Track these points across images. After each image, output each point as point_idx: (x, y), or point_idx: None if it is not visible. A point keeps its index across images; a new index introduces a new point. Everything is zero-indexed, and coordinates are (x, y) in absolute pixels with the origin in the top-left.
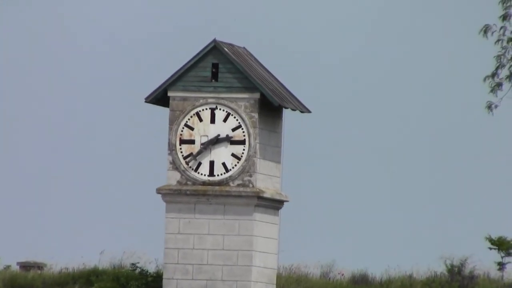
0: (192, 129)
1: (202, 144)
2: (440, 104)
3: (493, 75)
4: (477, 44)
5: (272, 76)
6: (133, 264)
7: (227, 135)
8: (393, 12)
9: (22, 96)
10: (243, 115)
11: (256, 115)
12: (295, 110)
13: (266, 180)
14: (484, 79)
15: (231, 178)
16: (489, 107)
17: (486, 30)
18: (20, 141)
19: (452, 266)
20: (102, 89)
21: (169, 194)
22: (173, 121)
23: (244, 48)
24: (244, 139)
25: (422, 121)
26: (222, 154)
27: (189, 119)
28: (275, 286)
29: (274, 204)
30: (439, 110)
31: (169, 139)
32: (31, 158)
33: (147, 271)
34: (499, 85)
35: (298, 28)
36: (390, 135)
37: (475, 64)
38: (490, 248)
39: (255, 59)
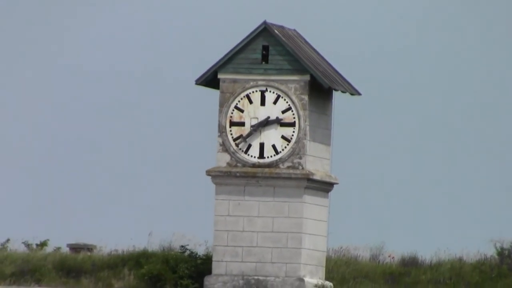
0: (242, 111)
1: (252, 126)
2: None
3: None
4: None
5: (323, 58)
6: (182, 246)
7: (277, 117)
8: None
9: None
10: (293, 97)
11: (306, 97)
12: (345, 92)
13: (315, 162)
14: None
15: (281, 160)
16: None
17: None
18: (68, 124)
19: (502, 249)
20: (152, 71)
21: (219, 176)
22: (223, 103)
23: (294, 30)
24: (294, 121)
25: (471, 105)
26: (272, 136)
27: (239, 101)
28: (324, 268)
29: (324, 186)
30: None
31: (219, 121)
32: (81, 142)
33: (197, 253)
34: None
35: (350, 11)
36: (440, 118)
37: None
38: None
39: (306, 41)
